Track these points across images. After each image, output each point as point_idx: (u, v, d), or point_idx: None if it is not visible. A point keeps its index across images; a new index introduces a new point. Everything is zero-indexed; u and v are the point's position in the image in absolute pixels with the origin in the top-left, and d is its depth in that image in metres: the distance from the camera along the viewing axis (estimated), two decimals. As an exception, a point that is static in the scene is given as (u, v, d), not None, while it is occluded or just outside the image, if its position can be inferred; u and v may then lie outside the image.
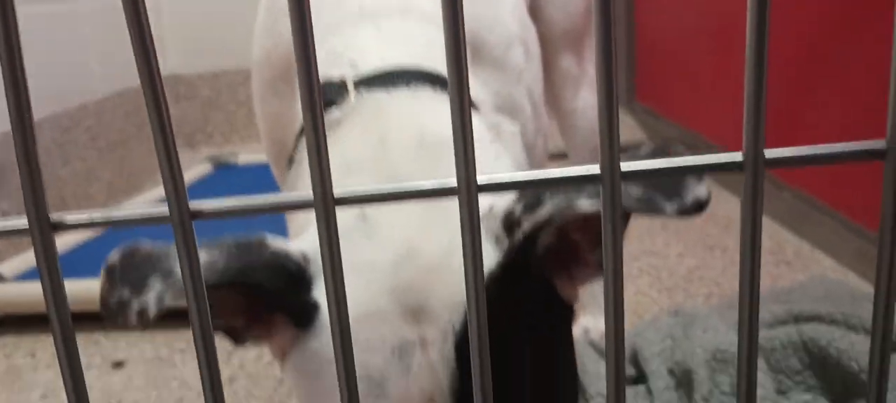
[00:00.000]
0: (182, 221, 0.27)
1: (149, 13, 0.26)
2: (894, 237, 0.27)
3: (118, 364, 1.09)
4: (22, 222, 0.27)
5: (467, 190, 0.26)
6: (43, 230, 0.26)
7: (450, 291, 0.45)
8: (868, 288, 1.08)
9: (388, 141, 0.54)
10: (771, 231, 1.37)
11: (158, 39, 2.34)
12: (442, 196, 0.27)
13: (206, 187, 1.81)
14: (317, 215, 0.27)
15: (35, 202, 0.26)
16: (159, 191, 1.78)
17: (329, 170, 0.27)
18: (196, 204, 0.27)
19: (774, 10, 0.26)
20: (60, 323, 0.28)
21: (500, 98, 0.66)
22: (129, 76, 2.01)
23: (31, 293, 1.17)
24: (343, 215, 0.49)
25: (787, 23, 1.31)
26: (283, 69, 0.67)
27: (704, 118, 1.77)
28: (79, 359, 0.27)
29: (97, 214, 0.27)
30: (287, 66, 0.66)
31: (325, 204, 0.27)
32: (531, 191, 0.45)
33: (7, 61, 0.24)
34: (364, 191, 0.28)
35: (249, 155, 2.04)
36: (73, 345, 0.28)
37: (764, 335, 0.86)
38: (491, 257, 0.46)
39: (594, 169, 0.26)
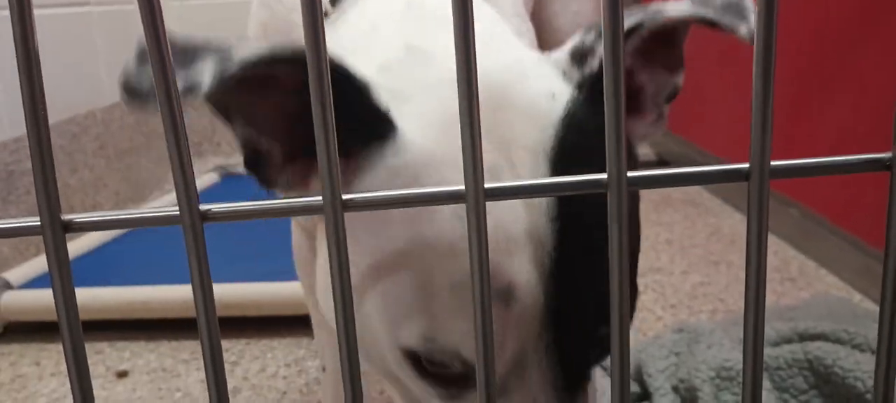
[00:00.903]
0: (192, 223, 0.27)
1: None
2: (900, 249, 0.27)
3: (122, 374, 1.09)
4: (34, 221, 0.27)
5: (476, 196, 0.27)
6: (55, 229, 0.27)
7: (529, 109, 0.43)
8: (871, 306, 1.08)
9: (415, 3, 0.51)
10: (775, 247, 1.37)
11: (167, 50, 2.37)
12: (451, 201, 0.27)
13: (213, 197, 1.81)
14: (325, 219, 0.28)
15: (48, 201, 0.27)
16: (166, 199, 1.78)
17: (339, 174, 0.28)
18: (206, 207, 0.27)
19: (779, 28, 0.26)
20: (69, 324, 0.28)
21: None
22: (138, 85, 2.02)
23: (38, 301, 1.18)
24: (383, 50, 0.47)
25: (791, 39, 1.31)
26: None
27: (711, 133, 1.77)
28: (85, 358, 0.28)
29: (108, 215, 0.28)
30: (284, 38, 0.63)
31: (335, 207, 0.27)
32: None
33: (23, 56, 0.24)
34: (373, 195, 0.28)
35: (256, 166, 2.05)
36: (82, 348, 0.29)
37: (769, 353, 0.85)
38: (563, 92, 0.45)
39: (602, 176, 0.26)
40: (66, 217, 0.27)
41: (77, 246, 1.43)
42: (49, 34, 1.67)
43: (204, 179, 1.93)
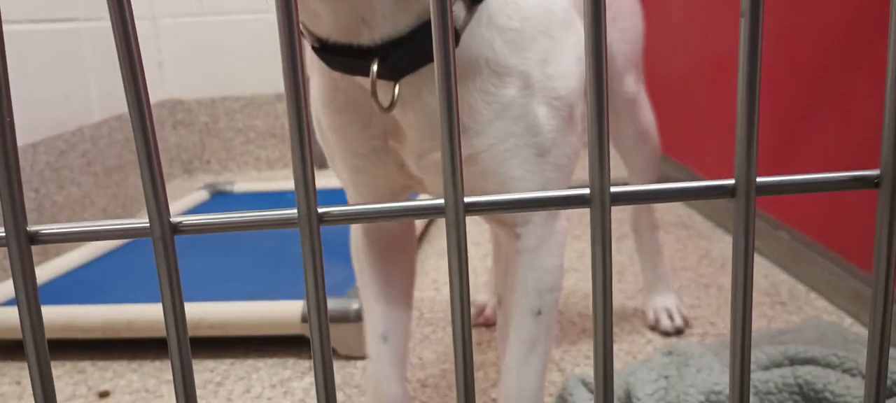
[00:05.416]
0: (163, 235, 0.26)
1: (149, 38, 0.25)
2: (889, 267, 0.26)
3: (104, 395, 1.07)
4: (-2, 232, 0.26)
5: (455, 210, 0.26)
6: (20, 241, 0.26)
7: None
8: (862, 330, 1.08)
9: None
10: (766, 271, 1.36)
11: (157, 64, 2.36)
12: (431, 215, 0.27)
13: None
14: (301, 234, 0.27)
15: (13, 212, 0.26)
16: (153, 218, 1.77)
17: (314, 189, 0.27)
18: (177, 219, 0.26)
19: (768, 48, 0.26)
20: (34, 338, 0.27)
21: None
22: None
23: (18, 319, 1.16)
24: None
25: (780, 61, 1.32)
26: None
27: (701, 155, 1.77)
28: (49, 369, 0.27)
29: (77, 227, 0.27)
30: None
31: (310, 222, 0.27)
32: None
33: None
34: (350, 209, 0.28)
35: (246, 183, 2.04)
36: (46, 360, 0.28)
37: (759, 377, 0.85)
38: None
39: (584, 191, 0.26)
40: (32, 228, 0.27)
41: (61, 264, 1.41)
42: (37, 50, 1.66)
43: (194, 197, 1.91)
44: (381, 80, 0.54)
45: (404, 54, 0.54)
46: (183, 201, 1.86)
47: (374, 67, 0.53)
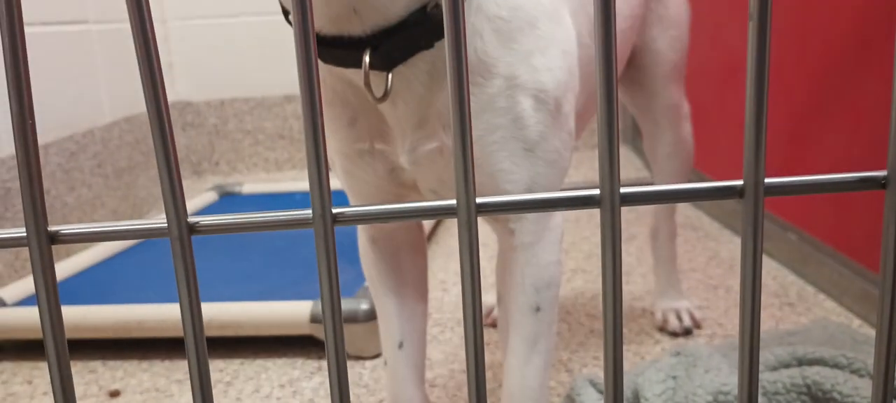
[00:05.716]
0: (180, 235, 0.26)
1: (159, 40, 0.26)
2: (896, 268, 0.26)
3: (114, 394, 1.08)
4: (20, 232, 0.27)
5: (467, 210, 0.26)
6: (40, 241, 0.26)
7: None
8: (870, 332, 1.07)
9: None
10: (774, 272, 1.36)
11: (167, 66, 2.37)
12: (442, 215, 0.27)
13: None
14: (316, 234, 0.27)
15: (34, 213, 0.26)
16: (163, 218, 1.78)
17: (329, 189, 0.27)
18: (194, 219, 0.27)
19: (776, 49, 0.26)
20: (54, 336, 0.27)
21: None
22: (137, 102, 2.03)
23: (31, 318, 1.17)
24: None
25: (789, 62, 1.32)
26: None
27: (710, 159, 1.77)
28: (69, 368, 0.27)
29: (96, 227, 0.27)
30: None
31: (325, 222, 0.27)
32: None
33: (11, 62, 0.24)
34: (363, 210, 0.28)
35: (254, 184, 2.05)
36: (65, 359, 0.28)
37: (767, 377, 0.85)
38: None
39: (594, 191, 0.26)
40: (52, 228, 0.27)
41: (73, 264, 1.42)
42: (48, 52, 1.68)
43: (202, 198, 1.92)
44: (372, 71, 0.55)
45: (396, 44, 0.54)
46: (192, 202, 1.87)
47: (367, 58, 0.53)
